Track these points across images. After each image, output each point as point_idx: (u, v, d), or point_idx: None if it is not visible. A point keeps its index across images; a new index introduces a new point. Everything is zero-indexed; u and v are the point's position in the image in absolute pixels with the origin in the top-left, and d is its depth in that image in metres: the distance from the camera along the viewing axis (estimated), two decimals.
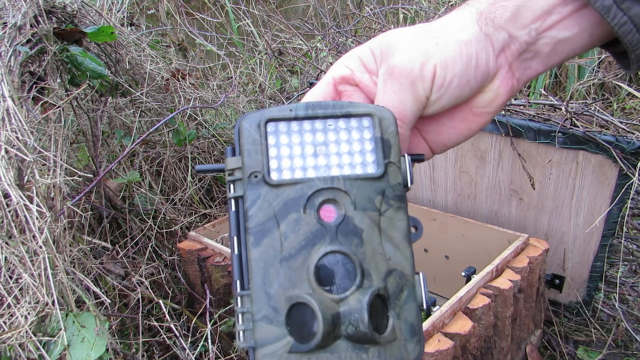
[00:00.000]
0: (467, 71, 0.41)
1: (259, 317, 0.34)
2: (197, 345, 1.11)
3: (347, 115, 0.39)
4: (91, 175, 1.18)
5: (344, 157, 0.38)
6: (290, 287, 0.35)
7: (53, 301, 0.81)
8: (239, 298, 0.35)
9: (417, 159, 0.42)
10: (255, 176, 0.37)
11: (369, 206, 0.36)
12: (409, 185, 0.38)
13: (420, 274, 0.37)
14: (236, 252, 0.36)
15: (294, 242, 0.36)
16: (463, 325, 0.93)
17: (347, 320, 0.34)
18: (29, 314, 0.79)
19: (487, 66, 0.41)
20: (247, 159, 0.37)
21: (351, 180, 0.37)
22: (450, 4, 2.15)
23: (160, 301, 1.08)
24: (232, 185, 0.38)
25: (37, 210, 0.83)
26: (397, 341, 0.35)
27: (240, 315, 0.35)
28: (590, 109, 1.23)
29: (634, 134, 1.16)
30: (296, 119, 0.39)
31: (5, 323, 0.79)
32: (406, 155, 0.39)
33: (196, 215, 1.48)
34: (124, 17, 1.47)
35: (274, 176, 0.37)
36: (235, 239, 0.37)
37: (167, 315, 1.04)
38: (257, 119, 0.39)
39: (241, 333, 0.34)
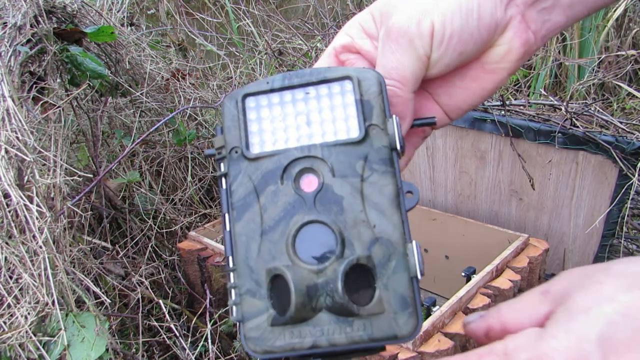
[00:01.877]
0: (468, 24, 0.37)
1: (243, 290, 0.34)
2: (197, 345, 1.11)
3: (325, 81, 0.37)
4: (91, 175, 1.18)
5: (325, 125, 0.37)
6: (270, 260, 0.34)
7: (53, 301, 0.81)
8: (230, 274, 0.35)
9: (427, 122, 0.40)
10: (236, 152, 0.37)
11: (350, 172, 0.35)
12: (398, 146, 0.35)
13: (414, 242, 0.34)
14: (227, 228, 0.36)
15: (272, 214, 0.35)
16: None
17: (324, 292, 0.33)
18: (29, 314, 0.79)
19: (493, 17, 0.38)
20: (227, 135, 0.38)
21: (329, 147, 0.36)
22: None
23: (160, 301, 1.08)
24: (220, 164, 0.37)
25: (37, 210, 0.83)
26: (385, 314, 0.33)
27: (231, 290, 0.35)
28: (590, 109, 1.23)
29: (633, 134, 1.16)
30: (272, 90, 0.38)
31: (5, 323, 0.79)
32: (394, 116, 0.36)
33: (196, 215, 1.48)
34: (124, 17, 1.47)
35: (254, 150, 0.37)
36: (226, 215, 0.36)
37: (167, 315, 1.04)
38: (236, 95, 0.38)
39: (233, 307, 0.34)
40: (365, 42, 0.41)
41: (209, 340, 1.02)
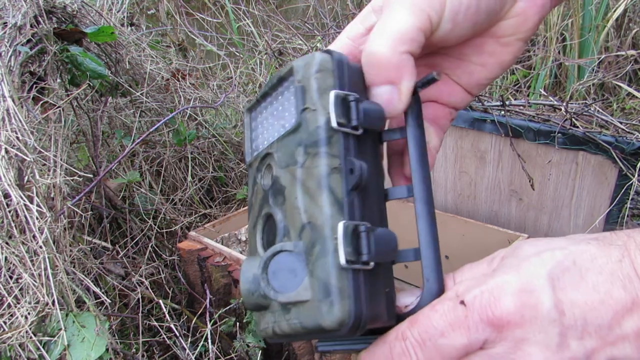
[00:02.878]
0: None
1: None
2: (197, 345, 1.11)
3: (281, 79, 0.38)
4: (91, 175, 1.18)
5: (280, 121, 0.38)
6: (252, 253, 0.37)
7: (53, 301, 0.81)
8: None
9: (427, 81, 0.37)
10: (249, 165, 0.40)
11: (290, 161, 0.35)
12: (334, 122, 0.33)
13: (340, 224, 0.31)
14: None
15: (254, 211, 0.38)
16: None
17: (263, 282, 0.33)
18: (29, 314, 0.79)
19: None
20: (245, 150, 0.41)
21: (278, 141, 0.36)
22: None
23: (160, 301, 1.08)
24: None
25: (37, 210, 0.83)
26: (310, 302, 0.31)
27: None
28: (590, 109, 1.23)
29: (633, 134, 1.16)
30: (258, 100, 0.40)
31: (5, 323, 0.79)
32: (331, 92, 0.34)
33: (196, 215, 1.48)
34: (124, 17, 1.47)
35: (248, 158, 0.40)
36: None
37: (167, 315, 1.04)
38: (245, 110, 0.42)
39: None
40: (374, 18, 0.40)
41: (209, 340, 1.03)
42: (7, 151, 0.85)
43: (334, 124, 0.33)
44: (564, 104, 1.21)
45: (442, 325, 0.31)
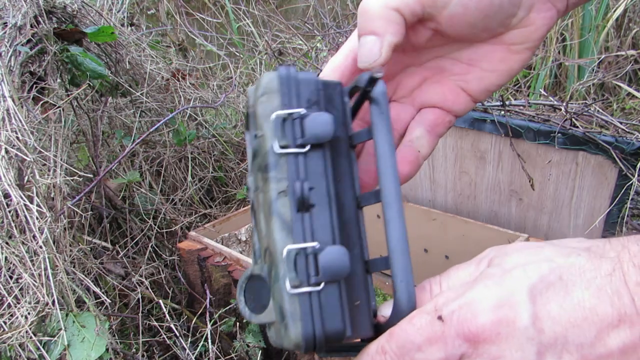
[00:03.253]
0: None
1: None
2: (197, 345, 1.11)
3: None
4: (91, 175, 1.18)
5: (251, 145, 0.38)
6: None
7: (53, 301, 0.81)
8: None
9: (368, 81, 0.37)
10: None
11: (255, 186, 0.36)
12: (274, 146, 0.33)
13: (285, 250, 0.32)
14: None
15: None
16: None
17: None
18: (29, 314, 0.79)
19: None
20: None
21: (251, 165, 0.37)
22: None
23: (160, 301, 1.08)
24: None
25: (37, 210, 0.83)
26: (275, 323, 0.33)
27: None
28: (590, 109, 1.23)
29: (633, 134, 1.16)
30: (247, 121, 0.41)
31: (5, 323, 0.79)
32: (273, 115, 0.34)
33: (196, 215, 1.48)
34: (124, 17, 1.47)
35: None
36: None
37: (167, 315, 1.04)
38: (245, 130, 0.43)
39: None
40: None
41: (209, 340, 1.03)
42: (7, 151, 0.85)
43: (276, 149, 0.34)
44: (564, 104, 1.21)
45: (420, 340, 0.31)
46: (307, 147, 0.34)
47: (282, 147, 0.34)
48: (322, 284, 0.32)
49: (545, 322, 0.30)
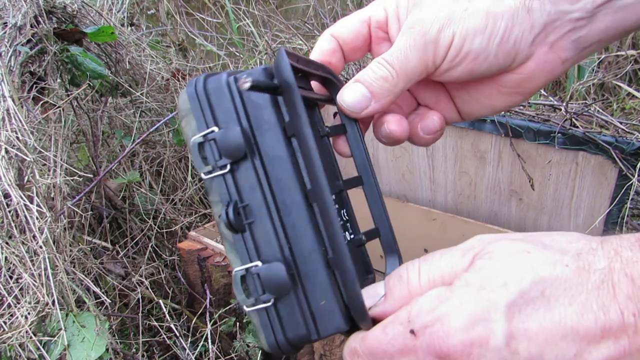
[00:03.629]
0: (487, 47, 0.36)
1: None
2: (197, 345, 1.11)
3: None
4: (91, 175, 1.18)
5: None
6: None
7: (53, 301, 0.81)
8: None
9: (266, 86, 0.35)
10: None
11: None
12: (202, 176, 0.34)
13: (234, 273, 0.35)
14: None
15: None
16: None
17: None
18: (29, 314, 0.79)
19: (517, 45, 0.36)
20: None
21: None
22: None
23: (160, 301, 1.08)
24: None
25: (37, 210, 0.83)
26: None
27: None
28: (590, 109, 1.23)
29: (633, 134, 1.16)
30: None
31: (5, 323, 0.79)
32: (190, 142, 0.34)
33: (196, 215, 1.48)
34: (124, 17, 1.47)
35: None
36: None
37: (167, 315, 1.04)
38: None
39: None
40: (394, 26, 0.41)
41: (209, 340, 1.03)
42: (7, 151, 0.85)
43: (203, 176, 0.34)
44: (564, 104, 1.21)
45: (392, 350, 0.31)
46: (228, 167, 0.33)
47: (207, 173, 0.34)
48: (272, 300, 0.33)
49: (520, 343, 0.28)
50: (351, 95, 0.39)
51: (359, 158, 0.41)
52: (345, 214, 0.39)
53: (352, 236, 0.39)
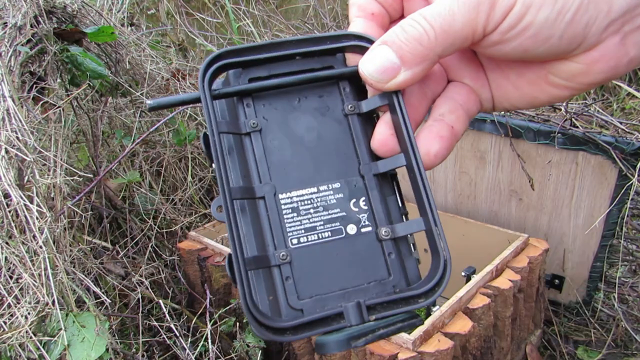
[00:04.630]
0: (553, 24, 0.30)
1: None
2: (197, 345, 1.11)
3: None
4: (91, 175, 1.18)
5: None
6: None
7: (53, 301, 0.81)
8: None
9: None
10: None
11: None
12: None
13: None
14: None
15: None
16: (463, 325, 0.94)
17: None
18: (29, 314, 0.79)
19: (587, 28, 0.30)
20: None
21: None
22: None
23: (160, 301, 1.08)
24: None
25: (37, 210, 0.83)
26: None
27: None
28: (590, 109, 1.23)
29: (633, 134, 1.16)
30: None
31: (5, 323, 0.79)
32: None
33: (196, 215, 1.48)
34: (124, 17, 1.47)
35: None
36: None
37: (167, 315, 1.04)
38: None
39: None
40: None
41: (209, 340, 1.03)
42: (7, 151, 0.85)
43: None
44: (564, 104, 1.21)
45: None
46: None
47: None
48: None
49: None
50: (374, 62, 0.33)
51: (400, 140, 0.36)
52: (365, 204, 0.36)
53: (364, 229, 0.36)
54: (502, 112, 1.27)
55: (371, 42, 0.35)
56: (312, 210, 0.36)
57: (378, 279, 0.35)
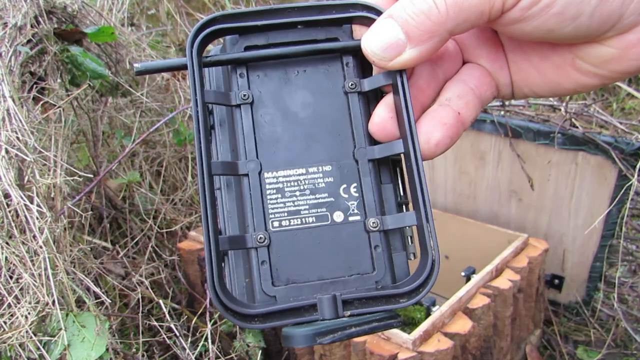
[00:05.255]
0: (582, 1, 0.26)
1: None
2: (197, 345, 1.11)
3: None
4: (91, 175, 1.18)
5: None
6: None
7: (53, 301, 0.81)
8: None
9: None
10: None
11: None
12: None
13: None
14: None
15: None
16: (463, 325, 0.94)
17: None
18: (29, 314, 0.79)
19: (623, 7, 0.26)
20: None
21: None
22: None
23: (161, 301, 1.08)
24: None
25: (37, 210, 0.83)
26: None
27: None
28: (590, 109, 1.24)
29: (633, 134, 1.16)
30: None
31: (5, 323, 0.79)
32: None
33: (196, 215, 1.48)
34: (124, 17, 1.47)
35: None
36: None
37: (167, 315, 1.04)
38: None
39: None
40: None
41: (209, 340, 1.03)
42: (7, 151, 0.85)
43: None
44: (564, 104, 1.21)
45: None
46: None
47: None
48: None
49: None
50: (377, 37, 0.29)
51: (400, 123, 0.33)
52: (356, 191, 0.34)
53: (351, 218, 0.33)
54: (502, 112, 1.28)
55: (380, 14, 0.32)
56: (297, 193, 0.33)
57: (360, 272, 0.32)
